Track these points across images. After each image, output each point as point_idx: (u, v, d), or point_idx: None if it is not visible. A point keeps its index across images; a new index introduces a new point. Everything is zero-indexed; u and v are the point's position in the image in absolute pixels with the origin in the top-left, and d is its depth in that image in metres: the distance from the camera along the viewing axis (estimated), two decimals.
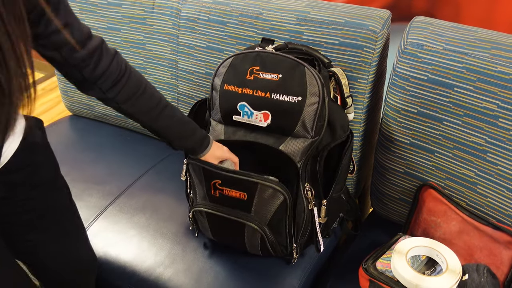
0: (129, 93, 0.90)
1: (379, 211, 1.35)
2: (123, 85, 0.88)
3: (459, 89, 1.06)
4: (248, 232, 1.11)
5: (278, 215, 1.08)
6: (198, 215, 1.17)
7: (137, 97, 0.91)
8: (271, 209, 1.08)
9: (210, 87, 1.15)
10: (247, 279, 1.15)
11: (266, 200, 1.07)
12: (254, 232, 1.10)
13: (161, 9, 1.44)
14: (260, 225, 1.09)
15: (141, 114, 0.95)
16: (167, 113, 0.98)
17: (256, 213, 1.09)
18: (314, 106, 1.03)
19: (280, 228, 1.10)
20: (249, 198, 1.07)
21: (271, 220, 1.09)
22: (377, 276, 1.04)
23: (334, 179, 1.13)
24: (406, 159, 1.20)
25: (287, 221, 1.09)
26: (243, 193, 1.07)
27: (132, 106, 0.92)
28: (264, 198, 1.06)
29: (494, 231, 1.06)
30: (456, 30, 1.11)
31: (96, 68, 0.83)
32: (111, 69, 0.85)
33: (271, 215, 1.08)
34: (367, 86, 1.21)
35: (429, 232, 1.16)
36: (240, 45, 1.33)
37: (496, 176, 1.08)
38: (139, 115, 0.95)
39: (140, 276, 1.18)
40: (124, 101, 0.90)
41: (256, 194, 1.06)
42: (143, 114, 0.95)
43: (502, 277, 1.05)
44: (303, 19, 1.24)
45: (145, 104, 0.94)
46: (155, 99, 0.95)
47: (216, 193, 1.10)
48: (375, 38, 1.16)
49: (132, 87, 0.90)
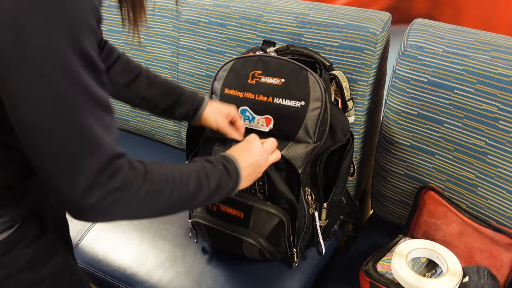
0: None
1: (380, 213, 1.35)
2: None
3: (459, 91, 1.06)
4: (246, 245, 1.11)
5: (276, 231, 1.08)
6: (197, 224, 1.17)
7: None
8: (268, 228, 1.07)
9: (210, 91, 1.15)
10: (247, 281, 1.15)
11: (263, 220, 1.07)
12: (252, 246, 1.10)
13: (162, 11, 1.44)
14: (258, 240, 1.08)
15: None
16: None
17: (253, 229, 1.08)
18: (316, 111, 1.03)
19: (279, 241, 1.10)
20: (246, 217, 1.07)
21: (269, 235, 1.09)
22: (378, 278, 1.04)
23: (335, 182, 1.13)
24: (407, 161, 1.20)
25: (286, 235, 1.09)
26: (239, 212, 1.07)
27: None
28: (260, 219, 1.06)
29: (494, 233, 1.06)
30: (456, 33, 1.11)
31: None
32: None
33: (268, 232, 1.08)
34: (368, 88, 1.21)
35: (429, 234, 1.16)
36: (240, 47, 1.33)
37: (496, 178, 1.08)
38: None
39: (140, 278, 1.18)
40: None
41: (252, 215, 1.06)
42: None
43: (502, 279, 1.05)
44: (303, 22, 1.24)
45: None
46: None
47: (213, 207, 1.10)
48: (375, 41, 1.16)
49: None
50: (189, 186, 0.75)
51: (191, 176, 0.76)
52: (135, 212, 0.70)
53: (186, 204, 0.78)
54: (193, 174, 0.76)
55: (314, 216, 1.11)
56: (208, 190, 0.77)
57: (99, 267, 1.22)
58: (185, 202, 0.76)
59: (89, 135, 0.61)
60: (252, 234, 1.08)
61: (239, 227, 1.09)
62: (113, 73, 1.02)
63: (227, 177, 0.81)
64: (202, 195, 0.77)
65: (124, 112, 1.62)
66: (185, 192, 0.74)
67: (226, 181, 0.81)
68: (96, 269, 1.22)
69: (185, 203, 0.77)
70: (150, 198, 0.69)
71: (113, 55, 1.03)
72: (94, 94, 0.62)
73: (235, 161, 0.85)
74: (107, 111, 0.64)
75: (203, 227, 1.14)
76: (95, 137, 0.62)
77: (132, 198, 0.66)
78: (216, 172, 0.80)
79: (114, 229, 1.30)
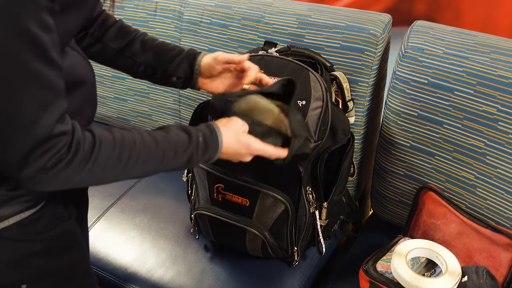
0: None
1: (379, 213, 1.36)
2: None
3: (459, 93, 1.07)
4: (249, 237, 1.12)
5: (279, 222, 1.09)
6: (200, 217, 1.18)
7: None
8: (273, 216, 1.09)
9: None
10: (248, 280, 1.16)
11: (268, 208, 1.08)
12: (255, 237, 1.11)
13: (164, 12, 1.45)
14: (261, 231, 1.10)
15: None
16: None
17: (257, 219, 1.10)
18: (317, 111, 1.04)
19: (281, 234, 1.11)
20: (251, 205, 1.08)
21: (272, 226, 1.10)
22: (377, 277, 1.05)
23: (335, 182, 1.14)
24: (406, 161, 1.21)
25: (289, 228, 1.10)
26: (245, 199, 1.08)
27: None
28: (266, 206, 1.07)
29: (493, 233, 1.07)
30: (456, 35, 1.12)
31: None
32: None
33: (272, 221, 1.09)
34: (368, 89, 1.22)
35: (428, 234, 1.17)
36: (242, 48, 1.34)
37: (495, 179, 1.09)
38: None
39: (141, 277, 1.18)
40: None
41: (258, 202, 1.07)
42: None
43: (501, 279, 1.06)
44: (304, 23, 1.25)
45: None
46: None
47: (219, 197, 1.11)
48: (376, 42, 1.17)
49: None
50: (150, 160, 0.75)
51: (152, 149, 0.75)
52: (83, 182, 0.71)
53: (147, 171, 0.78)
54: (160, 146, 0.76)
55: (315, 215, 1.12)
56: (171, 163, 0.78)
57: (100, 265, 1.22)
58: (146, 171, 0.77)
59: (19, 113, 0.61)
60: (255, 224, 1.09)
61: (243, 217, 1.10)
62: (106, 39, 0.98)
63: (202, 151, 0.80)
64: (163, 165, 0.77)
65: (125, 111, 1.63)
66: (144, 167, 0.75)
67: (199, 156, 0.80)
68: (97, 268, 1.22)
69: (146, 171, 0.77)
70: (97, 172, 0.69)
71: (108, 22, 0.99)
72: (32, 71, 0.61)
73: (219, 136, 0.82)
74: (48, 89, 0.63)
75: (206, 220, 1.15)
76: (27, 116, 0.62)
77: (73, 174, 0.67)
78: (189, 147, 0.78)
79: (114, 228, 1.31)
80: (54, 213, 0.83)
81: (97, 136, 0.69)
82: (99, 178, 0.71)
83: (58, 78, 0.65)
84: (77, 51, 0.82)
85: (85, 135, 0.68)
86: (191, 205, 1.24)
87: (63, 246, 0.86)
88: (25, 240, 0.79)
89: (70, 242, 0.88)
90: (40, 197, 0.79)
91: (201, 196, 1.15)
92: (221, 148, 0.82)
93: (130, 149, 0.72)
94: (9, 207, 0.75)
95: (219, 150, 0.82)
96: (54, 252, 0.84)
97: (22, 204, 0.76)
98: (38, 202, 0.79)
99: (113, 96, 1.60)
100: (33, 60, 0.61)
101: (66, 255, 0.87)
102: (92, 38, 0.98)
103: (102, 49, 0.99)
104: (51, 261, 0.84)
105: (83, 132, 0.68)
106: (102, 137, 0.70)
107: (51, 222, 0.82)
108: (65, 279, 0.88)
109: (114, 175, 0.73)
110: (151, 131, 0.78)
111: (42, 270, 0.83)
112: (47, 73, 0.62)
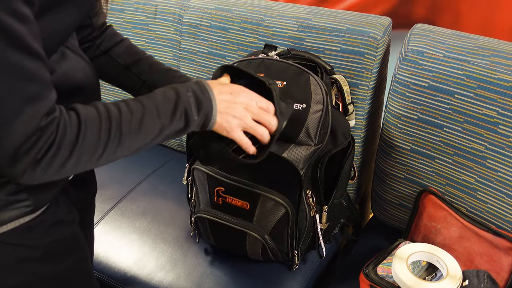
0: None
1: (380, 216, 1.36)
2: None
3: (460, 96, 1.07)
4: (250, 240, 1.12)
5: (279, 225, 1.09)
6: (200, 221, 1.17)
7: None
8: (273, 220, 1.08)
9: None
10: (248, 284, 1.15)
11: (268, 211, 1.07)
12: (255, 240, 1.11)
13: (164, 15, 1.45)
14: (262, 234, 1.09)
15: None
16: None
17: (257, 223, 1.09)
18: (318, 114, 1.04)
19: (282, 237, 1.11)
20: (251, 208, 1.08)
21: (272, 229, 1.10)
22: (378, 281, 1.04)
23: (335, 185, 1.14)
24: (407, 165, 1.21)
25: (289, 231, 1.10)
26: (245, 202, 1.08)
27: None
28: (266, 209, 1.07)
29: (494, 237, 1.07)
30: (456, 38, 1.12)
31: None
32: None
33: (272, 225, 1.09)
34: (368, 93, 1.22)
35: (429, 238, 1.17)
36: (241, 51, 1.34)
37: (496, 183, 1.09)
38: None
39: (141, 281, 1.18)
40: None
41: (258, 205, 1.07)
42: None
43: (502, 283, 1.06)
44: (304, 26, 1.25)
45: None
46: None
47: (219, 200, 1.10)
48: (376, 45, 1.17)
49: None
50: (142, 127, 0.70)
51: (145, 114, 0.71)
52: (80, 165, 0.67)
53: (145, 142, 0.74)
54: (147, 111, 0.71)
55: (315, 219, 1.12)
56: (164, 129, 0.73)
57: (99, 269, 1.22)
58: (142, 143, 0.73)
59: (1, 107, 0.59)
60: (256, 228, 1.09)
61: (244, 221, 1.10)
62: (114, 53, 0.98)
63: (195, 104, 0.74)
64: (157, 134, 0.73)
65: None
66: (139, 135, 0.71)
67: (194, 110, 0.74)
68: (96, 271, 1.22)
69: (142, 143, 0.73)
70: (90, 150, 0.66)
71: (116, 38, 0.99)
72: (8, 62, 0.59)
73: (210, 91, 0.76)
74: (30, 81, 0.61)
75: (206, 223, 1.15)
76: (9, 109, 0.60)
77: (65, 159, 0.64)
78: (179, 101, 0.73)
79: (114, 231, 1.30)
80: (55, 219, 0.82)
81: (81, 114, 0.66)
82: (95, 156, 0.67)
83: (42, 69, 0.63)
84: (79, 54, 0.81)
85: (70, 116, 0.65)
86: (191, 208, 1.24)
87: (64, 251, 0.85)
88: (23, 245, 0.78)
89: (71, 247, 0.87)
90: (41, 202, 0.78)
91: (202, 200, 1.15)
92: (213, 94, 0.76)
93: (116, 117, 0.68)
94: (8, 212, 0.74)
95: (213, 97, 0.76)
96: (54, 257, 0.83)
97: (22, 209, 0.75)
98: (38, 207, 0.78)
99: (112, 99, 1.60)
100: (8, 51, 0.58)
101: (67, 260, 0.86)
102: (99, 50, 0.97)
103: (108, 63, 0.97)
104: (50, 266, 0.83)
105: (68, 113, 0.66)
106: (87, 114, 0.66)
107: (51, 228, 0.81)
108: (65, 284, 0.87)
109: (111, 150, 0.68)
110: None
111: (41, 274, 0.82)
112: (27, 64, 0.60)
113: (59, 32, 0.72)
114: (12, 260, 0.78)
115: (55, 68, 0.72)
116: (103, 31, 0.98)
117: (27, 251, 0.79)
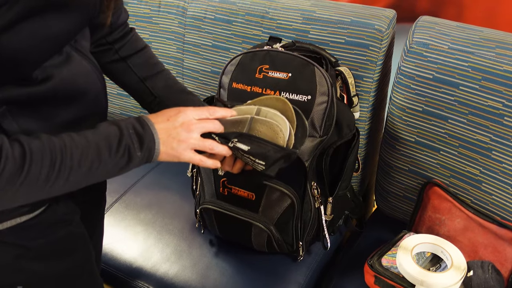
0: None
1: (384, 208, 1.36)
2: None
3: (465, 88, 1.07)
4: (255, 231, 1.12)
5: (285, 216, 1.09)
6: (206, 212, 1.18)
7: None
8: (279, 211, 1.09)
9: (218, 86, 1.15)
10: (252, 275, 1.16)
11: (274, 202, 1.08)
12: (260, 231, 1.11)
13: (168, 7, 1.45)
14: (267, 225, 1.10)
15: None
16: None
17: (263, 213, 1.10)
18: (323, 106, 1.04)
19: (287, 228, 1.11)
20: (257, 199, 1.08)
21: (278, 220, 1.10)
22: (383, 272, 1.05)
23: (340, 177, 1.14)
24: (411, 157, 1.21)
25: (294, 222, 1.10)
26: (251, 193, 1.08)
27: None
28: (272, 200, 1.07)
29: (498, 228, 1.07)
30: (461, 30, 1.12)
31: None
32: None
33: (278, 216, 1.09)
34: (373, 85, 1.22)
35: (433, 230, 1.17)
36: (246, 43, 1.34)
37: (501, 174, 1.09)
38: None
39: (146, 272, 1.18)
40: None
41: (264, 196, 1.07)
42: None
43: (506, 273, 1.07)
44: (309, 18, 1.25)
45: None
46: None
47: (225, 191, 1.11)
48: (381, 37, 1.17)
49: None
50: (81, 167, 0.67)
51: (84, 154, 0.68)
52: (22, 197, 0.65)
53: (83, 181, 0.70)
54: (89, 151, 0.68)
55: (320, 210, 1.12)
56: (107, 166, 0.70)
57: (105, 260, 1.22)
58: (81, 180, 0.69)
59: None
60: (261, 219, 1.09)
61: (249, 212, 1.10)
62: (132, 63, 0.96)
63: (137, 141, 0.72)
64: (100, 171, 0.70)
65: (128, 108, 1.63)
66: (79, 173, 0.68)
67: (137, 148, 0.72)
68: (102, 263, 1.23)
69: (81, 181, 0.70)
70: (32, 182, 0.64)
71: (137, 45, 0.97)
72: None
73: (151, 125, 0.74)
74: None
75: (212, 214, 1.15)
76: None
77: (8, 190, 0.62)
78: (122, 138, 0.71)
79: (119, 224, 1.31)
80: (53, 219, 0.80)
81: (25, 145, 0.63)
82: (35, 189, 0.65)
83: None
84: (86, 57, 0.78)
85: (13, 147, 0.63)
86: (195, 200, 1.25)
87: (63, 251, 0.83)
88: (20, 244, 0.77)
89: (71, 246, 0.85)
90: (39, 202, 0.76)
91: (207, 191, 1.15)
92: (154, 128, 0.74)
93: (61, 149, 0.66)
94: (4, 211, 0.73)
95: (154, 131, 0.74)
96: (53, 256, 0.82)
97: (19, 209, 0.74)
98: (36, 207, 0.77)
99: (116, 92, 1.60)
100: None
101: (67, 259, 0.85)
102: (117, 55, 0.95)
103: (123, 71, 0.95)
104: (49, 265, 0.82)
105: (11, 143, 0.63)
106: (31, 145, 0.64)
107: (48, 228, 0.80)
108: (66, 283, 0.86)
109: (52, 184, 0.66)
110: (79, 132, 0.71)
111: (40, 273, 0.81)
112: None
113: (51, 38, 0.68)
114: (10, 259, 0.77)
115: (53, 73, 0.70)
116: (124, 35, 0.95)
117: (24, 251, 0.78)
